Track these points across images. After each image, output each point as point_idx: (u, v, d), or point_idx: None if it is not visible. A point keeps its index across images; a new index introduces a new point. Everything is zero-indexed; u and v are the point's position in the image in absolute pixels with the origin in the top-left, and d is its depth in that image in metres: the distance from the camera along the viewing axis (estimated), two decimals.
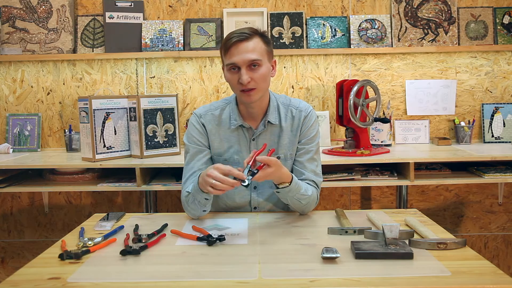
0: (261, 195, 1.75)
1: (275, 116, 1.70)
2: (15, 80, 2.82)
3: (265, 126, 1.69)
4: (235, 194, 1.73)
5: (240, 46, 1.56)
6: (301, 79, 2.81)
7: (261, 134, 1.70)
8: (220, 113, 1.73)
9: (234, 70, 1.59)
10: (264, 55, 1.60)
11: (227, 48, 1.58)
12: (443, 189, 2.88)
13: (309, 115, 1.72)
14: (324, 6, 2.80)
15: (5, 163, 2.34)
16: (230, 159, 1.72)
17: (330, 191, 2.88)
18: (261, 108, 1.69)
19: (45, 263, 1.26)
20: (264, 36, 1.62)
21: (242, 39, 1.56)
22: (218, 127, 1.72)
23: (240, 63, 1.56)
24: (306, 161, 1.71)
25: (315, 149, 1.74)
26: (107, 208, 2.89)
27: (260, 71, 1.58)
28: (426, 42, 2.75)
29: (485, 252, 2.91)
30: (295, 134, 1.72)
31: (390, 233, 1.27)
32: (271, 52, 1.64)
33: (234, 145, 1.71)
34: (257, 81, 1.58)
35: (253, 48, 1.56)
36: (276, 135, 1.71)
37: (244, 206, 1.76)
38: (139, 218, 1.66)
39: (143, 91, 2.81)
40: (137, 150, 2.41)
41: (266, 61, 1.61)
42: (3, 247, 2.94)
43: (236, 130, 1.71)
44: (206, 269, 1.20)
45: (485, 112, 2.79)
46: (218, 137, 1.72)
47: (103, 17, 2.75)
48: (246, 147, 1.71)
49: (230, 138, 1.71)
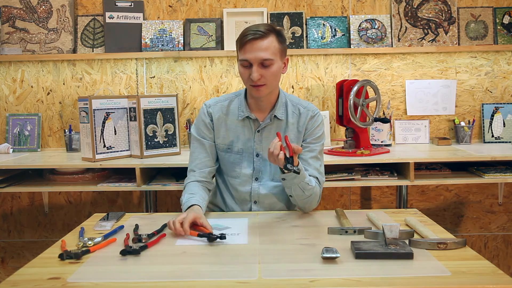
0: (263, 187, 1.78)
1: (282, 112, 1.76)
2: (15, 80, 2.82)
3: (271, 119, 1.75)
4: (238, 183, 1.78)
5: (254, 44, 1.60)
6: (301, 79, 2.81)
7: (267, 127, 1.76)
8: (229, 103, 1.79)
9: (246, 66, 1.64)
10: (277, 54, 1.64)
11: (242, 44, 1.63)
12: (443, 189, 2.88)
13: (316, 116, 1.78)
14: (324, 6, 2.80)
15: (5, 163, 2.34)
16: (234, 148, 1.78)
17: (330, 191, 2.88)
18: (269, 102, 1.75)
19: (45, 263, 1.26)
20: (280, 35, 1.66)
21: (257, 37, 1.60)
22: (225, 116, 1.78)
23: (252, 60, 1.61)
24: (310, 158, 1.75)
25: (319, 149, 1.78)
26: (107, 208, 2.89)
27: (271, 69, 1.63)
28: (426, 42, 2.75)
29: (485, 252, 2.91)
30: (300, 131, 1.76)
31: (390, 233, 1.27)
32: (284, 51, 1.69)
33: (240, 135, 1.77)
34: (267, 78, 1.64)
35: (267, 47, 1.61)
36: (282, 130, 1.76)
37: (244, 199, 1.79)
38: (139, 218, 1.66)
39: (143, 91, 2.81)
40: (137, 150, 2.41)
41: (278, 59, 1.65)
42: (3, 247, 2.94)
43: (243, 121, 1.76)
44: (206, 269, 1.20)
45: (485, 112, 2.79)
46: (224, 126, 1.78)
47: (103, 17, 2.75)
48: (251, 138, 1.76)
49: (237, 128, 1.77)
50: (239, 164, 1.78)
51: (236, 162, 1.78)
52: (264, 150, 1.76)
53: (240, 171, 1.78)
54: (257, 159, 1.77)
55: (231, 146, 1.78)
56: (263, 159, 1.77)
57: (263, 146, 1.76)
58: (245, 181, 1.78)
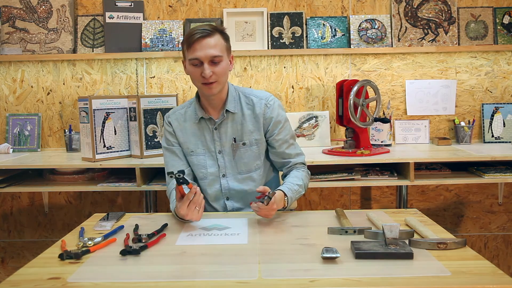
0: (231, 181, 1.82)
1: (234, 105, 1.80)
2: (15, 80, 2.82)
3: (225, 115, 1.79)
4: (207, 184, 1.83)
5: (203, 42, 1.66)
6: (301, 79, 2.81)
7: (222, 123, 1.80)
8: (186, 110, 1.85)
9: (196, 64, 1.68)
10: (224, 51, 1.71)
11: (190, 43, 1.67)
12: (443, 189, 2.88)
13: (269, 102, 1.82)
14: (324, 6, 2.80)
15: (5, 163, 2.34)
16: (196, 150, 1.82)
17: (330, 191, 2.88)
18: (220, 99, 1.79)
19: (45, 263, 1.26)
20: (224, 33, 1.74)
21: (205, 35, 1.66)
22: (184, 123, 1.84)
23: (203, 58, 1.66)
24: (287, 149, 1.83)
25: (290, 135, 1.85)
26: (107, 208, 2.89)
27: (221, 65, 1.69)
28: (426, 42, 2.75)
29: (485, 252, 2.91)
30: (258, 121, 1.80)
31: (390, 233, 1.27)
32: (229, 48, 1.76)
33: (200, 137, 1.82)
34: (218, 75, 1.69)
35: (215, 44, 1.67)
36: (239, 123, 1.81)
37: (217, 197, 1.84)
38: (139, 218, 1.66)
39: (143, 91, 2.81)
40: (137, 150, 2.41)
41: (226, 56, 1.71)
42: (3, 247, 2.94)
43: (199, 123, 1.82)
44: (206, 269, 1.20)
45: (485, 112, 2.79)
46: (184, 132, 1.83)
47: (103, 17, 2.75)
48: (211, 138, 1.81)
49: (196, 131, 1.82)
50: (204, 165, 1.82)
51: (201, 163, 1.82)
52: (224, 146, 1.81)
53: (206, 171, 1.82)
54: (220, 156, 1.81)
55: (194, 149, 1.82)
56: (226, 155, 1.81)
57: (223, 142, 1.81)
58: (213, 180, 1.82)
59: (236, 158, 1.81)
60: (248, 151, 1.81)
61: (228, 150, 1.81)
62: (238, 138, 1.80)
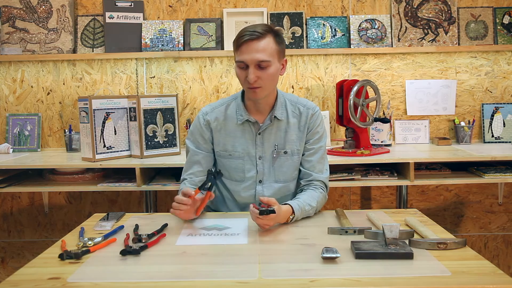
0: (267, 189, 1.76)
1: (282, 112, 1.74)
2: (15, 80, 2.82)
3: (271, 121, 1.72)
4: (241, 189, 1.77)
5: (251, 45, 1.58)
6: (301, 79, 2.81)
7: (267, 128, 1.73)
8: (226, 108, 1.76)
9: (242, 67, 1.61)
10: (274, 55, 1.61)
11: (238, 45, 1.60)
12: (443, 189, 2.88)
13: (316, 114, 1.77)
14: (324, 6, 2.80)
15: (5, 163, 2.34)
16: (235, 154, 1.75)
17: (330, 191, 2.84)
18: (267, 103, 1.72)
19: (45, 263, 1.26)
20: (278, 35, 1.63)
21: (254, 38, 1.57)
22: (224, 122, 1.75)
23: (248, 62, 1.58)
24: (316, 161, 1.76)
25: (322, 148, 1.79)
26: (107, 208, 2.89)
27: (268, 71, 1.60)
28: (426, 42, 2.75)
29: (485, 252, 2.91)
30: (302, 131, 1.75)
31: (390, 233, 1.27)
32: (282, 52, 1.66)
33: (240, 139, 1.74)
34: (264, 80, 1.61)
35: (264, 49, 1.58)
36: (283, 130, 1.74)
37: (248, 203, 1.77)
38: (139, 218, 1.66)
39: (143, 91, 2.81)
40: (137, 150, 2.41)
41: (275, 61, 1.62)
42: (3, 247, 2.94)
43: (242, 125, 1.74)
44: (206, 269, 1.20)
45: (485, 112, 2.79)
46: (223, 133, 1.75)
47: (103, 17, 2.75)
48: (252, 142, 1.74)
49: (236, 132, 1.74)
50: (242, 169, 1.76)
51: (239, 167, 1.76)
52: (265, 152, 1.75)
53: (244, 175, 1.76)
54: (259, 162, 1.75)
55: (232, 152, 1.75)
56: (265, 162, 1.75)
57: (265, 148, 1.75)
58: (249, 184, 1.76)
59: (275, 166, 1.75)
60: (289, 160, 1.75)
61: (269, 157, 1.74)
62: (280, 146, 1.74)
